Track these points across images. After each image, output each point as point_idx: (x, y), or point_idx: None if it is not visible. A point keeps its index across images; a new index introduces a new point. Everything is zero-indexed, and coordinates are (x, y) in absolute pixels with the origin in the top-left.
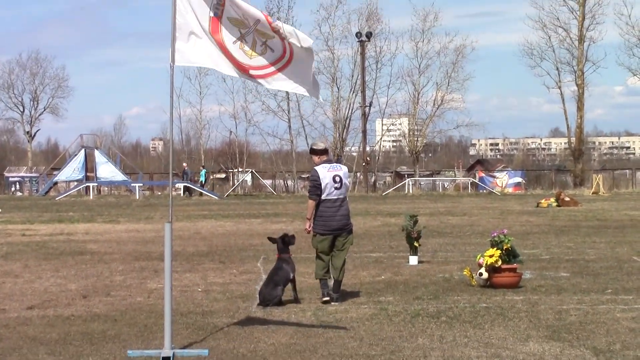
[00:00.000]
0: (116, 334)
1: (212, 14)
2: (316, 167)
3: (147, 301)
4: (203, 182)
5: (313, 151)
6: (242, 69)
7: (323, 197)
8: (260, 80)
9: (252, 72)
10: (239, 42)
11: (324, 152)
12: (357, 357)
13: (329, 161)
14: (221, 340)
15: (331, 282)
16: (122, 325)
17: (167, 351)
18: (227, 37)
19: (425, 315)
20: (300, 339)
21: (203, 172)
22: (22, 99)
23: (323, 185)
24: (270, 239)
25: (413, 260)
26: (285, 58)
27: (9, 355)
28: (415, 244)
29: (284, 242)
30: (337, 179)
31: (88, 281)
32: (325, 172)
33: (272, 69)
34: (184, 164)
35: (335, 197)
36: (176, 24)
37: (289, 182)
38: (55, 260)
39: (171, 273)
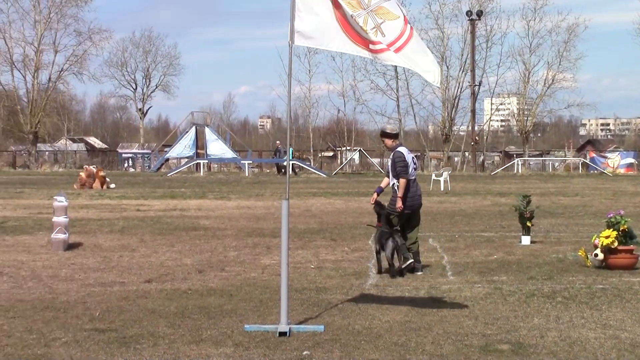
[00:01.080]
0: (232, 309)
1: None
2: (399, 149)
3: (262, 277)
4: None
5: (387, 135)
6: (362, 43)
7: (410, 176)
8: (378, 55)
9: (371, 46)
10: (354, 18)
11: (396, 136)
12: (472, 336)
13: (400, 145)
14: (336, 316)
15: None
16: (238, 300)
17: (283, 326)
18: (347, 11)
19: (540, 296)
20: (415, 317)
21: (291, 149)
22: (134, 77)
23: (409, 166)
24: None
25: (525, 240)
26: (402, 39)
27: (130, 327)
28: (528, 223)
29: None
30: (415, 160)
31: (203, 256)
32: (407, 154)
33: (390, 48)
34: (277, 142)
35: (414, 177)
36: (295, 2)
37: None
38: (170, 235)
39: (287, 249)
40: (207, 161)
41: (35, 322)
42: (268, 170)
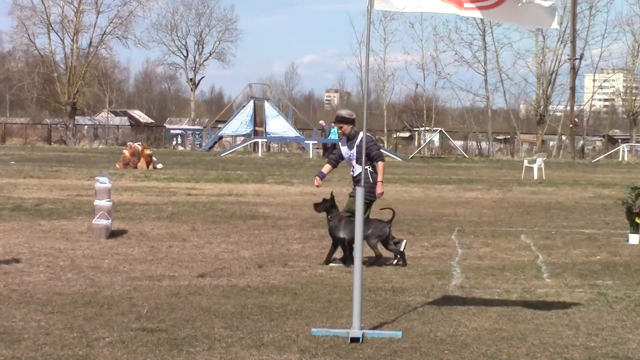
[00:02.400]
0: (297, 309)
1: None
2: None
3: (330, 274)
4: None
5: (345, 120)
6: (457, 2)
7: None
8: (477, 12)
9: (466, 4)
10: None
11: (354, 121)
12: (573, 349)
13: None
14: (415, 321)
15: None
16: (303, 300)
17: (355, 331)
18: None
19: None
20: (506, 324)
21: (334, 129)
22: (185, 43)
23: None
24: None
25: (634, 239)
26: None
27: (182, 327)
28: (637, 220)
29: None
30: None
31: (262, 249)
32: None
33: (487, 2)
34: (321, 121)
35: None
36: None
37: (483, 144)
38: (225, 223)
39: (362, 243)
40: (266, 140)
41: (76, 318)
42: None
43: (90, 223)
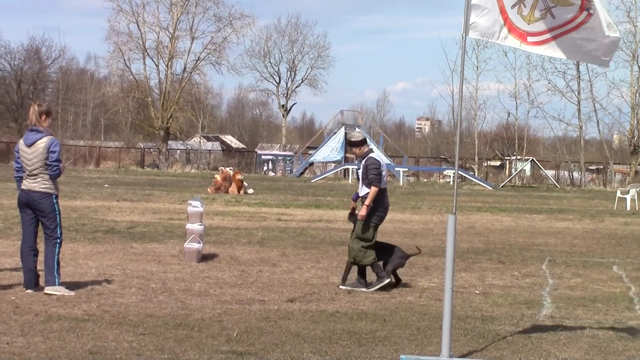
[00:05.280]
0: (386, 336)
1: None
2: (372, 155)
3: (419, 301)
4: None
5: (353, 143)
6: (521, 37)
7: (381, 186)
8: (535, 48)
9: (529, 38)
10: (517, 7)
11: (363, 142)
12: None
13: (371, 150)
14: (504, 350)
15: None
16: (392, 327)
17: (445, 359)
18: (507, 1)
19: None
20: (596, 356)
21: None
22: (278, 69)
23: (383, 174)
24: None
25: None
26: (571, 24)
27: (271, 351)
28: None
29: None
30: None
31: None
32: (382, 162)
33: (549, 35)
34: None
35: (385, 187)
36: None
37: (575, 174)
38: (315, 249)
39: (453, 271)
40: (356, 167)
41: (167, 340)
42: (425, 180)
43: (182, 246)
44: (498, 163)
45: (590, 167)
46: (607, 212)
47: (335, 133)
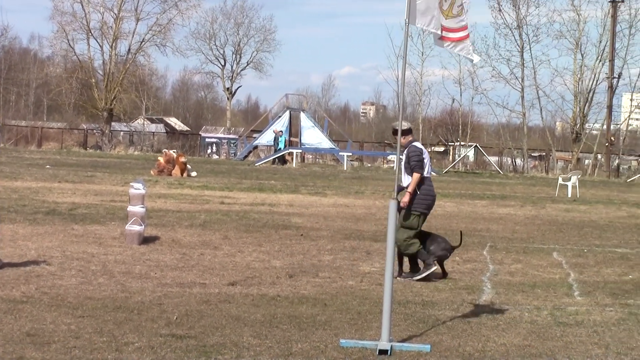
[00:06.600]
0: (327, 320)
1: None
2: (415, 144)
3: (360, 285)
4: (281, 148)
5: (396, 132)
6: (443, 28)
7: (425, 174)
8: (447, 44)
9: (444, 33)
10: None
11: (409, 131)
12: None
13: (415, 140)
14: (444, 335)
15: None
16: (333, 311)
17: (384, 343)
18: None
19: None
20: (535, 341)
21: (282, 137)
22: (223, 52)
23: (425, 162)
24: None
25: None
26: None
27: (211, 334)
28: None
29: None
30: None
31: (294, 259)
32: (424, 149)
33: (462, 33)
34: (274, 129)
35: (429, 176)
36: None
37: (518, 161)
38: (257, 233)
39: (393, 256)
40: (301, 151)
41: (106, 323)
42: (369, 165)
43: (123, 229)
44: (442, 149)
45: (533, 154)
46: (548, 198)
47: (279, 117)
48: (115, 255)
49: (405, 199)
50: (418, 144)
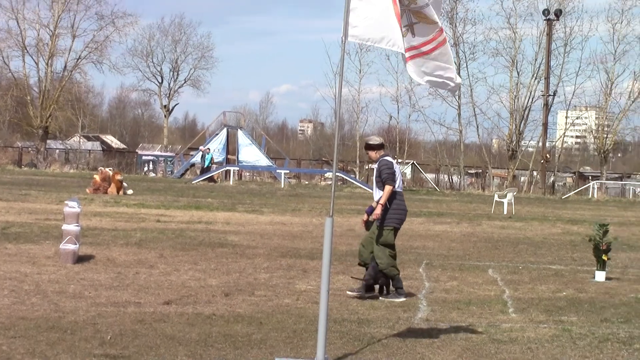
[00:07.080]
0: (262, 339)
1: None
2: (386, 157)
3: (296, 304)
4: (208, 167)
5: (370, 147)
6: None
7: (397, 188)
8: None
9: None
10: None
11: (381, 146)
12: None
13: (387, 154)
14: (379, 353)
15: None
16: (268, 329)
17: None
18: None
19: (615, 341)
20: (469, 358)
21: (209, 155)
22: (161, 69)
23: (396, 175)
24: None
25: (600, 276)
26: (430, 45)
27: (145, 354)
28: (604, 257)
29: None
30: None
31: (230, 277)
32: (395, 164)
33: (407, 54)
34: (201, 147)
35: (401, 190)
36: None
37: (455, 178)
38: (193, 251)
39: (329, 274)
40: (238, 168)
41: (39, 343)
42: (307, 182)
43: (58, 248)
44: None
45: (469, 171)
46: (484, 215)
47: (217, 134)
48: (49, 275)
49: (377, 211)
50: (389, 158)
